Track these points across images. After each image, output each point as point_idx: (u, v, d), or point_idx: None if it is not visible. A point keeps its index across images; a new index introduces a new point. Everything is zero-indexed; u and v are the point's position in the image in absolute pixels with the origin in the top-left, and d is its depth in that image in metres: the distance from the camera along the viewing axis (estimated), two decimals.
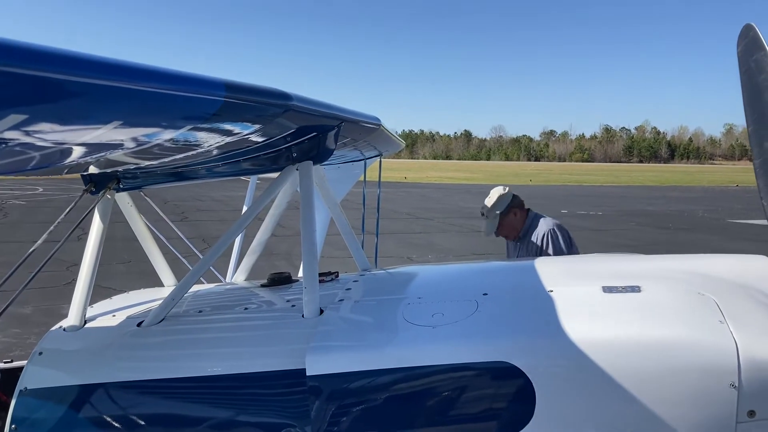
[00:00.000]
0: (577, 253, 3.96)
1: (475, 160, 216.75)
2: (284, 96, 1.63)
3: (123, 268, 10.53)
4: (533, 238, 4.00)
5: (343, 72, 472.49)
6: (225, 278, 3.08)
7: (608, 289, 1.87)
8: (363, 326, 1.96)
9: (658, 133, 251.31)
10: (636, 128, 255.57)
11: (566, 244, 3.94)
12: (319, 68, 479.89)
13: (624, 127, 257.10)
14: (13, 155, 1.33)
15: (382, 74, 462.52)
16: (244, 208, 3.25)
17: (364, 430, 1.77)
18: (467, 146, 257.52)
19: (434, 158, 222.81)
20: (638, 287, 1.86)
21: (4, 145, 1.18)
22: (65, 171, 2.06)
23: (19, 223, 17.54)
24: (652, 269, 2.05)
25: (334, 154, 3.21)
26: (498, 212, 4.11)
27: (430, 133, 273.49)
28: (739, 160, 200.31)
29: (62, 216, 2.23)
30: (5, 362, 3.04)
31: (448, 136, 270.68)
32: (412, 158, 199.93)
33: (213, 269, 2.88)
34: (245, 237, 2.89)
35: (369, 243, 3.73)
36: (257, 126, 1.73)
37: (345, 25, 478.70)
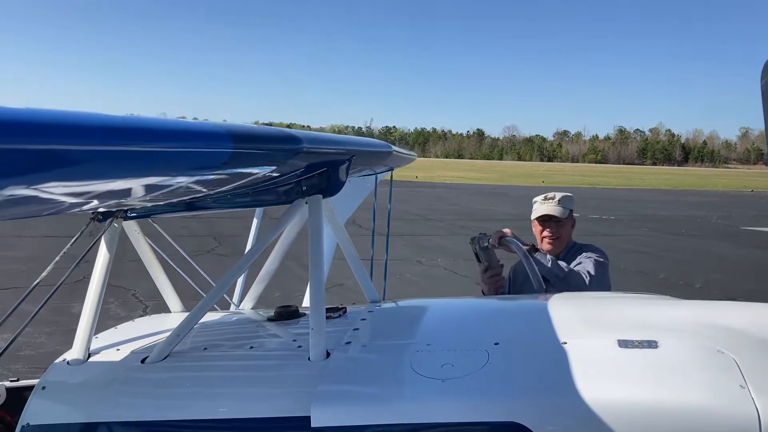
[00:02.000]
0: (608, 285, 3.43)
1: (488, 159, 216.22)
2: (294, 140, 1.59)
3: (134, 266, 10.52)
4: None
5: (355, 69, 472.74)
6: (232, 303, 3.05)
7: (624, 343, 1.81)
8: (370, 375, 1.91)
9: (673, 135, 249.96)
10: (650, 130, 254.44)
11: (602, 273, 3.39)
12: (329, 66, 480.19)
13: (638, 129, 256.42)
14: (15, 207, 1.30)
15: (394, 72, 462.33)
16: (251, 236, 3.22)
17: None
18: (480, 145, 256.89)
19: (446, 157, 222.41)
20: (655, 342, 1.80)
21: (2, 201, 1.15)
22: (75, 211, 2.04)
23: (34, 220, 17.64)
24: (670, 320, 1.98)
25: None
26: (570, 208, 3.64)
27: (442, 131, 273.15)
28: (754, 164, 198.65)
29: (68, 245, 2.21)
30: (11, 381, 3.03)
31: (461, 134, 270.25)
32: (423, 156, 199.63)
33: (225, 296, 2.86)
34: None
35: (379, 246, 3.65)
36: (267, 169, 1.70)
37: (357, 21, 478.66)
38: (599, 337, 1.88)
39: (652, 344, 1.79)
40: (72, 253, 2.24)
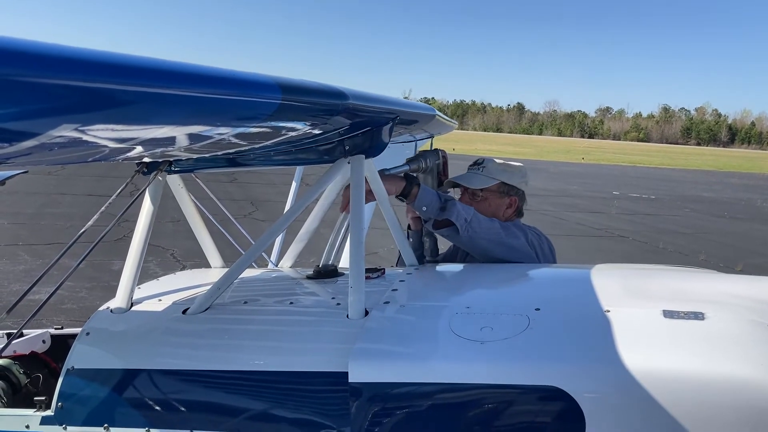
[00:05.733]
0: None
1: (527, 134, 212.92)
2: (341, 95, 1.58)
3: (173, 226, 10.68)
4: None
5: (393, 38, 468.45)
6: (271, 261, 3.07)
7: (669, 314, 1.75)
8: (408, 334, 1.91)
9: (719, 115, 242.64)
10: (696, 109, 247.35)
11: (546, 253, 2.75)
12: (368, 33, 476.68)
13: (683, 108, 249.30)
14: (62, 152, 1.32)
15: (434, 41, 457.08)
16: (290, 195, 3.23)
17: None
18: (519, 119, 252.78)
19: (484, 130, 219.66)
20: (702, 314, 1.74)
21: (53, 143, 1.16)
22: (120, 160, 2.06)
23: (76, 176, 18.03)
24: (717, 293, 1.93)
25: None
26: (500, 179, 2.82)
27: (482, 104, 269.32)
28: None
29: (113, 198, 2.23)
30: (56, 328, 3.12)
31: (500, 108, 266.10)
32: (462, 129, 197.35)
33: (263, 254, 2.88)
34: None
35: None
36: (312, 123, 1.69)
37: None
38: (643, 307, 1.83)
39: (698, 316, 1.74)
40: (113, 212, 2.27)
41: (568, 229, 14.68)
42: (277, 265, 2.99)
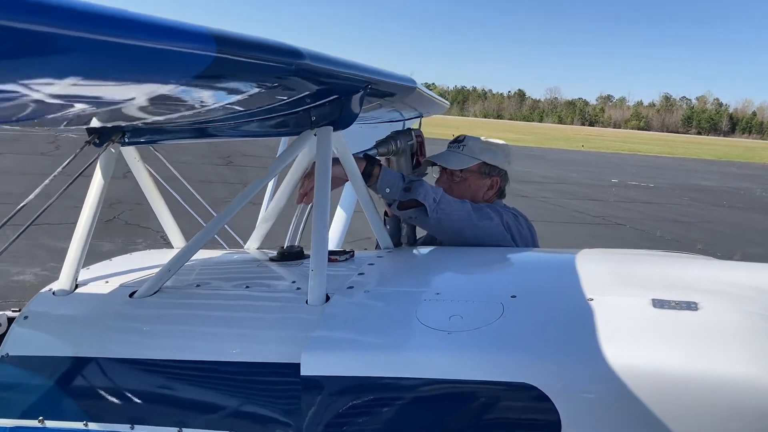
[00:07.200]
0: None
1: (528, 121, 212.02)
2: (293, 53, 1.40)
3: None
4: None
5: (394, 20, 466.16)
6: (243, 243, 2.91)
7: (659, 303, 1.58)
8: (370, 323, 1.74)
9: (720, 104, 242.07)
10: (697, 98, 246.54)
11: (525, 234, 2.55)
12: (368, 13, 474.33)
13: (684, 97, 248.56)
14: None
15: (435, 27, 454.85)
16: None
17: None
18: (520, 106, 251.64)
19: (485, 117, 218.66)
20: (695, 304, 1.57)
21: None
22: (63, 124, 1.87)
23: (70, 156, 17.81)
24: (712, 281, 1.76)
25: (371, 114, 2.94)
26: (482, 159, 2.64)
27: (483, 90, 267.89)
28: None
29: (59, 169, 2.06)
30: (13, 311, 2.95)
31: (501, 94, 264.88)
32: (462, 115, 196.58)
33: (230, 230, 2.70)
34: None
35: None
36: (262, 86, 1.50)
37: None
38: (630, 295, 1.66)
39: (691, 305, 1.57)
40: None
41: (565, 216, 14.55)
42: (244, 246, 2.82)
